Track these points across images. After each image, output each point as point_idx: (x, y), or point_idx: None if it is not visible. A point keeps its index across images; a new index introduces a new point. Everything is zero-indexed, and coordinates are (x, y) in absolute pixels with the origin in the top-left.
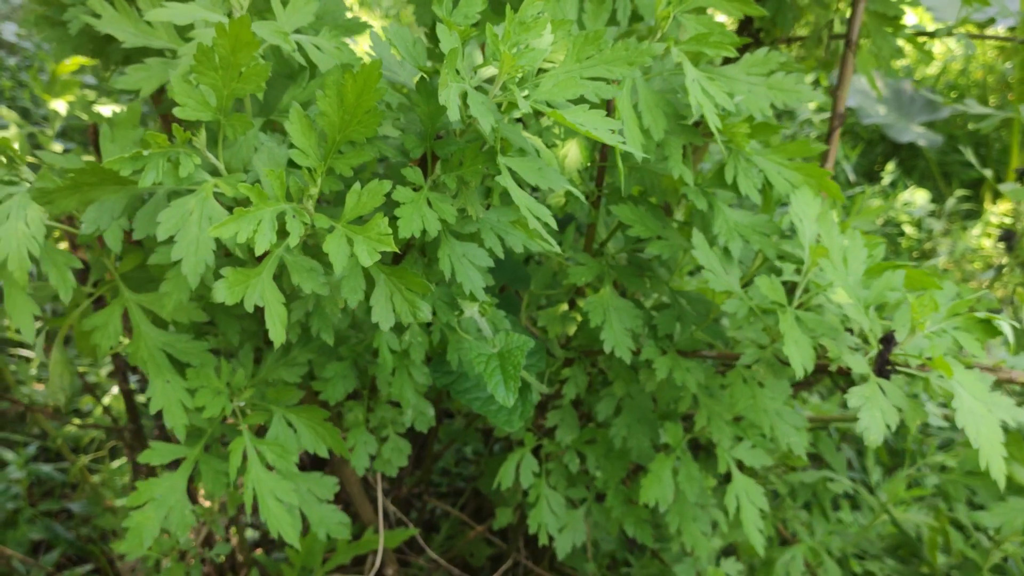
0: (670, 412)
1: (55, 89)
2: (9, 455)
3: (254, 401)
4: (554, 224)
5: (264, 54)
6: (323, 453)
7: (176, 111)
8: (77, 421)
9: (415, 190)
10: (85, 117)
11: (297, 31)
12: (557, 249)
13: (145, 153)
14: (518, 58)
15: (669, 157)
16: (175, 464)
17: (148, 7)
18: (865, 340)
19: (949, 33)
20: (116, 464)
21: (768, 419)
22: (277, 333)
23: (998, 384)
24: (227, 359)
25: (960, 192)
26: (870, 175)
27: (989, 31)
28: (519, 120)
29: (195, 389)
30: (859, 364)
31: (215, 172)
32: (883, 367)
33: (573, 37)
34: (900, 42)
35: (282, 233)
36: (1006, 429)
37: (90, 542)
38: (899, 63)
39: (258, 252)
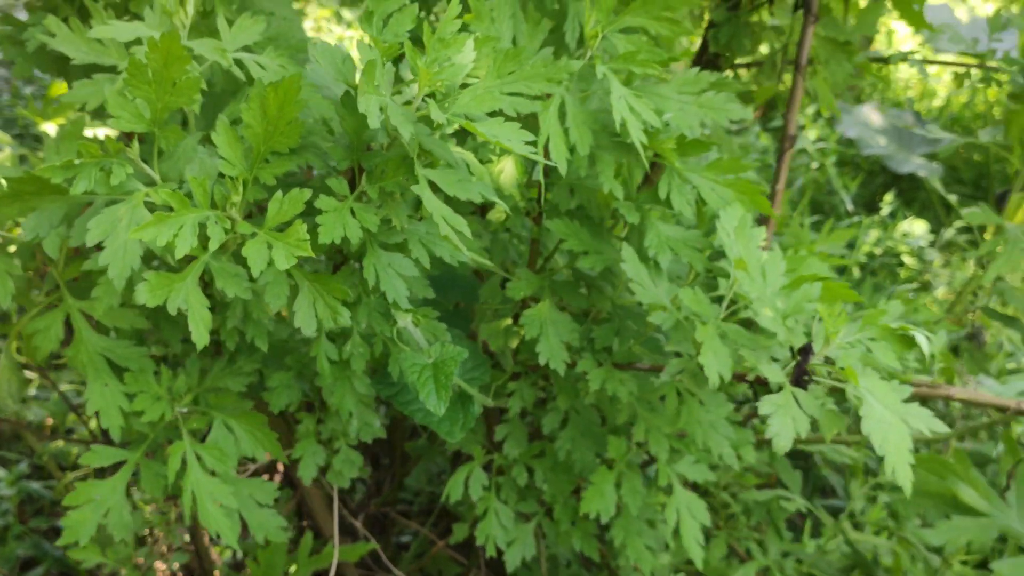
0: (618, 427)
1: (48, 112)
2: (0, 472)
3: (196, 407)
4: (468, 233)
5: (212, 72)
6: (261, 457)
7: (110, 123)
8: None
9: (340, 200)
10: None
11: (246, 49)
12: (484, 260)
13: (77, 162)
14: (438, 73)
15: (600, 173)
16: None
17: (99, 25)
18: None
19: (904, 59)
20: None
21: (702, 431)
22: (200, 336)
23: (946, 401)
24: (176, 367)
25: (959, 223)
26: (870, 206)
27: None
28: (454, 136)
29: (135, 394)
30: (774, 373)
31: (151, 182)
32: (800, 377)
33: (494, 54)
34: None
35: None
36: (928, 443)
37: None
38: (904, 95)
39: (178, 255)
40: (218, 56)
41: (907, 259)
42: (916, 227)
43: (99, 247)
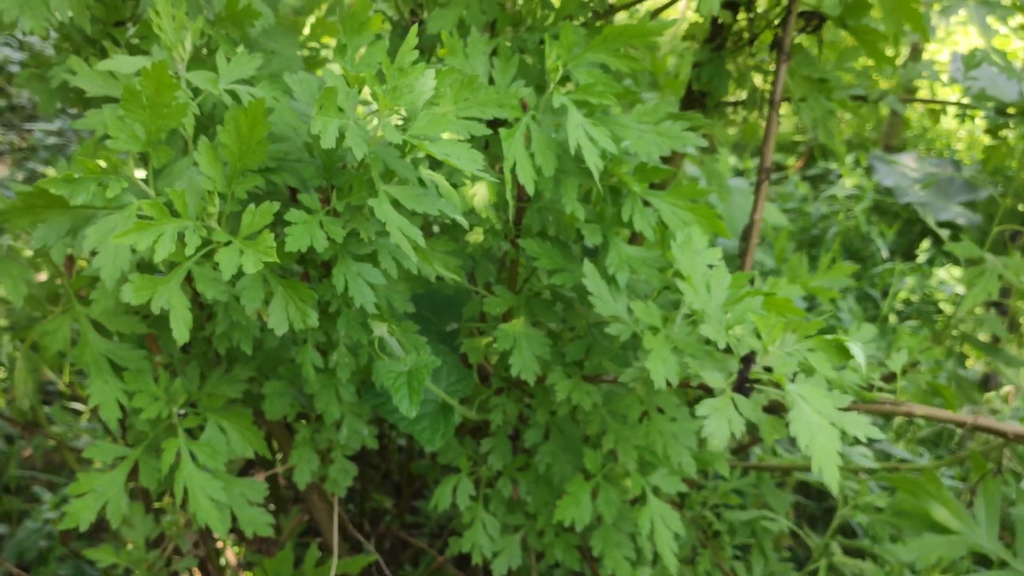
0: (596, 441)
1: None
2: (48, 496)
3: (192, 409)
4: (422, 243)
5: (215, 101)
6: (250, 454)
7: (108, 143)
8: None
9: (311, 213)
10: None
11: (243, 82)
12: (461, 279)
13: (76, 176)
14: (398, 99)
15: (564, 195)
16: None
17: (106, 60)
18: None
19: (880, 99)
20: None
21: (662, 440)
22: (180, 333)
23: (905, 417)
24: (176, 374)
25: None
26: (908, 254)
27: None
28: (427, 160)
29: (133, 393)
30: (715, 380)
31: (145, 197)
32: (742, 384)
33: (450, 81)
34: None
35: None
36: (886, 457)
37: None
38: (942, 144)
39: (157, 259)
40: (209, 86)
41: (944, 306)
42: (953, 274)
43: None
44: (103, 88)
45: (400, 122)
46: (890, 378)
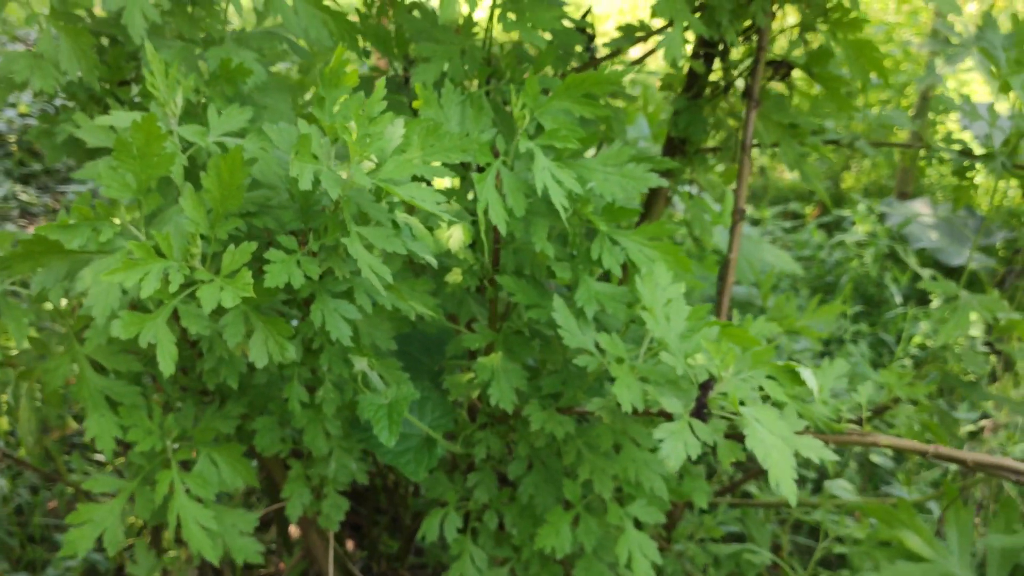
0: (576, 472)
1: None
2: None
3: (186, 442)
4: (390, 280)
5: (209, 152)
6: (239, 485)
7: (102, 191)
8: None
9: (289, 253)
10: None
11: (235, 134)
12: (429, 312)
13: (71, 222)
14: (368, 146)
15: (534, 235)
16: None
17: (104, 115)
18: None
19: (850, 144)
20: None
21: (634, 467)
22: (167, 366)
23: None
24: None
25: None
26: (922, 299)
27: None
28: (401, 205)
29: (129, 427)
30: (674, 405)
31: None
32: (700, 410)
33: (418, 129)
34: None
35: (185, 286)
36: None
37: None
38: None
39: (143, 296)
40: (198, 139)
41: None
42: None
43: None
44: (103, 141)
45: (373, 167)
46: (880, 411)
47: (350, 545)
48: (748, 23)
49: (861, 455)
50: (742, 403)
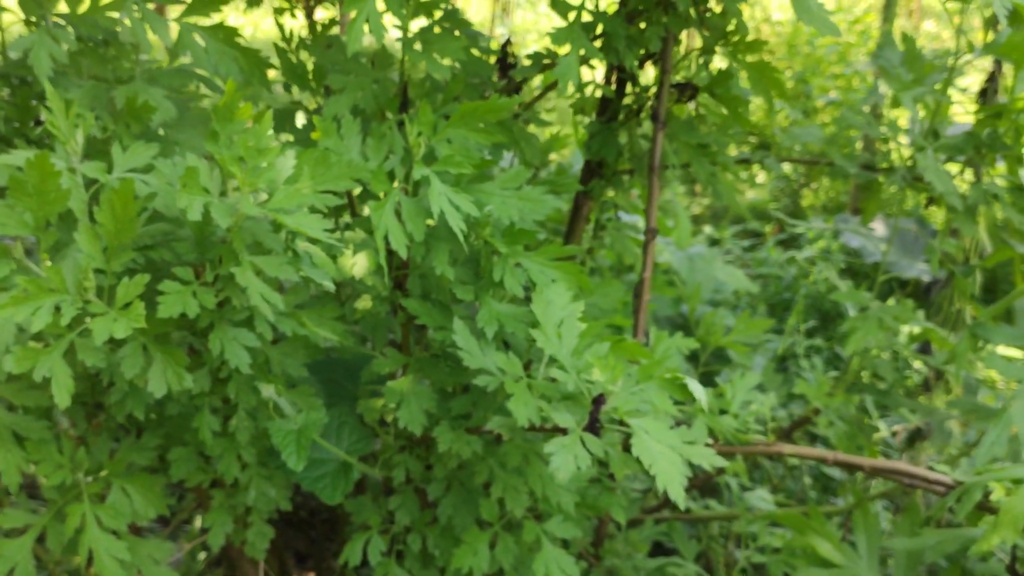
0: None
1: None
2: None
3: (98, 475)
4: (282, 307)
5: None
6: (152, 516)
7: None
8: None
9: (184, 284)
10: None
11: (136, 170)
12: (336, 337)
13: None
14: (259, 177)
15: (435, 259)
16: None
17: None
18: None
19: (760, 162)
20: None
21: (540, 483)
22: (62, 399)
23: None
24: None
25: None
26: None
27: None
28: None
29: (37, 461)
30: (566, 420)
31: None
32: (593, 424)
33: (308, 159)
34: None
35: (79, 320)
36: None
37: None
38: (909, 204)
39: (33, 330)
40: (99, 175)
41: (916, 363)
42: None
43: None
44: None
45: (266, 197)
46: (801, 422)
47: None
48: (655, 49)
49: (815, 468)
50: (630, 415)
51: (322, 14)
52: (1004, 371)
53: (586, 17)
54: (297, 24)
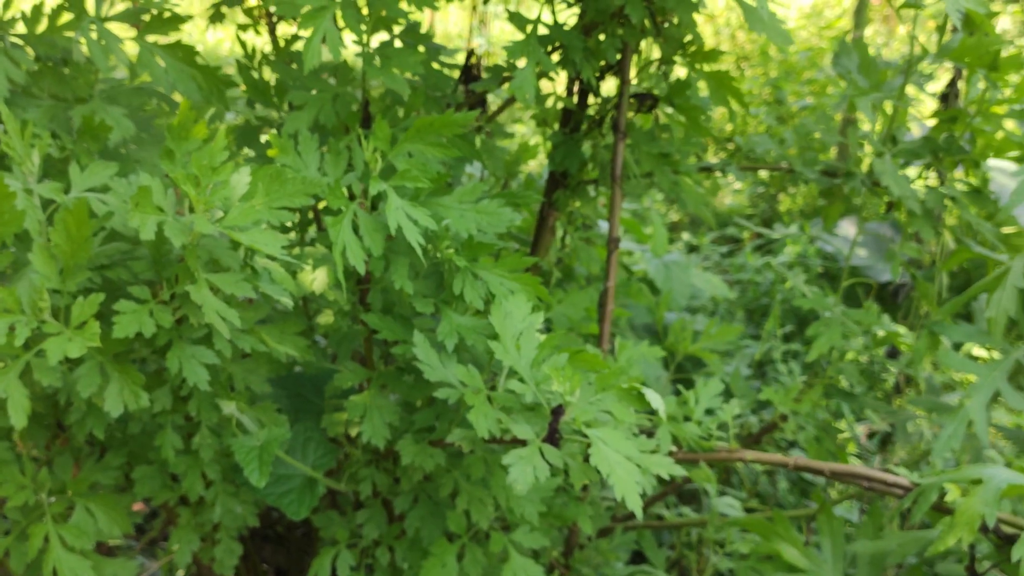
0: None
1: None
2: None
3: (62, 494)
4: (238, 323)
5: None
6: (117, 534)
7: None
8: None
9: (141, 303)
10: None
11: (94, 189)
12: (298, 353)
13: None
14: (214, 194)
15: (394, 273)
16: None
17: None
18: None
19: (722, 170)
20: None
21: (504, 493)
22: (19, 419)
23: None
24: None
25: None
26: None
27: None
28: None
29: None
30: (525, 432)
31: None
32: (552, 435)
33: (263, 176)
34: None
35: (35, 340)
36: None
37: None
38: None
39: None
40: (55, 196)
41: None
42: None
43: None
44: None
45: (222, 214)
46: (768, 428)
47: None
48: (612, 60)
49: (793, 474)
50: (588, 425)
51: (287, 30)
52: (959, 368)
53: (544, 31)
54: (261, 41)
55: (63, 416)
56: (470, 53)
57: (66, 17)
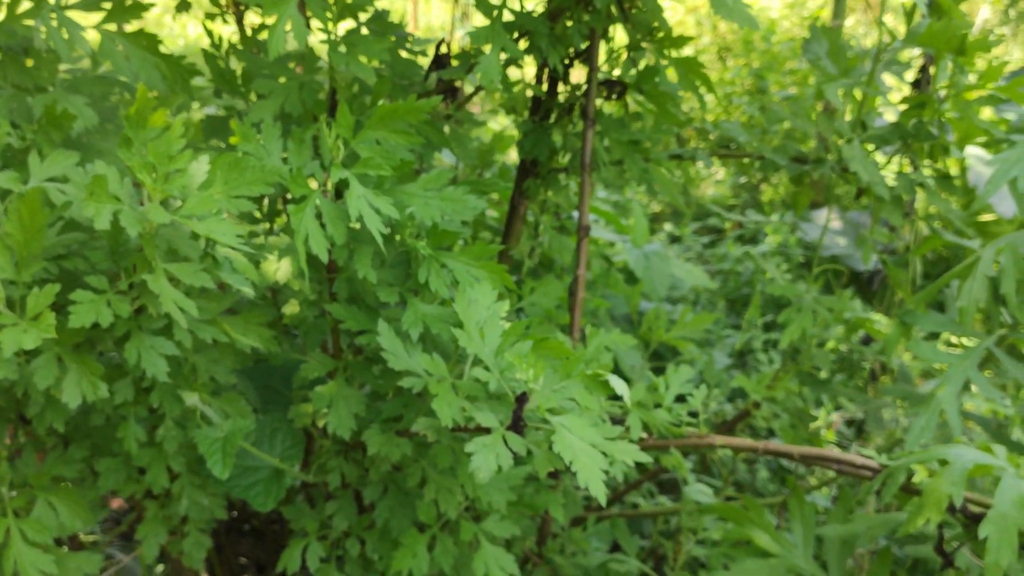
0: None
1: None
2: None
3: (24, 488)
4: (196, 313)
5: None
6: (79, 527)
7: None
8: None
9: (99, 293)
10: None
11: (54, 179)
12: (262, 344)
13: None
14: (171, 183)
15: (357, 262)
16: None
17: None
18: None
19: (692, 158)
20: None
21: (471, 482)
22: None
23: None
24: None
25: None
26: None
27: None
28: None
29: None
30: (489, 420)
31: None
32: (517, 423)
33: (221, 164)
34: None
35: None
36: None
37: None
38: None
39: None
40: (12, 185)
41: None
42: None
43: None
44: None
45: (179, 203)
46: (743, 415)
47: None
48: (580, 46)
49: (773, 462)
50: (552, 412)
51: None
52: (929, 357)
53: (509, 16)
54: (229, 30)
55: (23, 409)
56: (440, 41)
57: (26, 5)
